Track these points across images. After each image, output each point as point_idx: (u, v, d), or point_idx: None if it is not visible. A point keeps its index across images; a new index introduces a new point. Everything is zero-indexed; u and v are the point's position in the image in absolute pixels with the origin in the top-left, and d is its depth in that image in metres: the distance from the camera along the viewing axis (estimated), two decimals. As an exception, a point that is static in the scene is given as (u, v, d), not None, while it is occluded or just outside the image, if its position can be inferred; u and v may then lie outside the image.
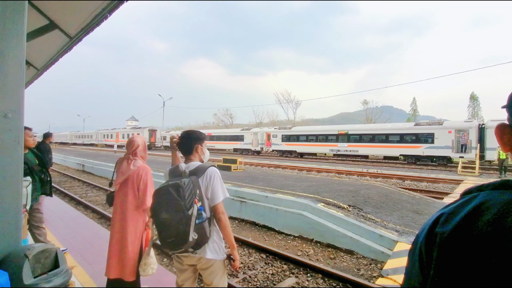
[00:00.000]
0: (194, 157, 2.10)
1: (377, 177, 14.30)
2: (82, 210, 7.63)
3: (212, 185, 1.92)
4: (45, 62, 6.94)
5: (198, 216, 1.80)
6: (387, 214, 5.99)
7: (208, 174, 1.94)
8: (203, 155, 2.12)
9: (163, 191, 1.80)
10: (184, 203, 1.76)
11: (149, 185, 2.67)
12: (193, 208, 1.78)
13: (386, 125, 27.86)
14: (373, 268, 4.55)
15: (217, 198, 1.92)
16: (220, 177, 1.99)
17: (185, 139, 2.11)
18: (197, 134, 2.14)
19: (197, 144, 2.09)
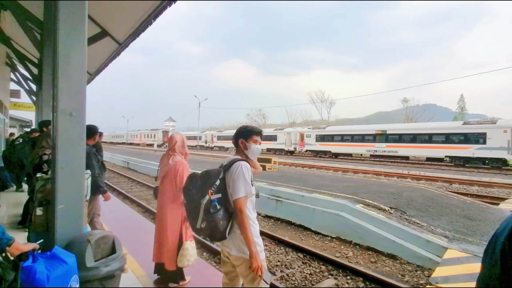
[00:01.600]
0: (239, 151, 2.06)
1: (420, 179, 13.39)
2: (128, 203, 8.18)
3: (234, 180, 1.84)
4: (97, 67, 7.57)
5: (213, 207, 1.76)
6: (434, 219, 5.57)
7: (233, 168, 1.87)
8: (246, 150, 2.03)
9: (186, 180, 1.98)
10: (195, 191, 1.83)
11: (185, 179, 2.80)
12: (205, 198, 1.77)
13: (429, 124, 25.97)
14: (420, 275, 4.27)
15: (236, 193, 1.82)
16: (245, 173, 1.85)
17: (234, 134, 2.10)
18: (242, 128, 2.09)
19: (240, 139, 2.03)
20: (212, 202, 1.77)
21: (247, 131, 2.05)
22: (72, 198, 2.31)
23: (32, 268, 1.43)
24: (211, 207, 1.75)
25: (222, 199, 1.83)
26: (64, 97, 2.25)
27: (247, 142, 2.02)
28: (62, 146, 2.25)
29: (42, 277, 1.45)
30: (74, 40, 2.34)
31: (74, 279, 1.71)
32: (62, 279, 1.60)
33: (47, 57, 5.18)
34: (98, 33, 5.20)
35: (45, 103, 5.89)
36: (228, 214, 1.84)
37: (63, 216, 2.25)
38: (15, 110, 13.58)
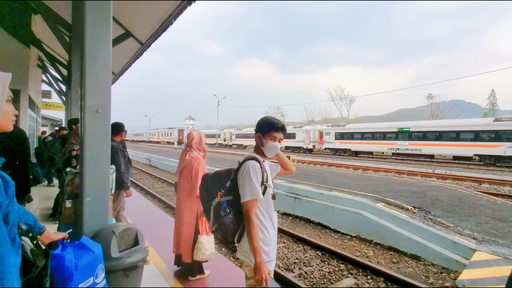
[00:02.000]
0: (256, 147, 1.86)
1: (446, 178, 12.80)
2: (150, 199, 8.45)
3: (241, 181, 1.67)
4: (121, 67, 7.86)
5: (222, 210, 1.66)
6: (462, 219, 5.32)
7: (242, 169, 1.70)
8: (262, 147, 1.80)
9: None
10: (207, 193, 1.75)
11: (200, 174, 2.85)
12: (214, 201, 1.68)
13: (456, 121, 24.71)
14: (445, 277, 4.10)
15: (242, 196, 1.65)
16: (252, 174, 1.64)
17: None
18: (262, 121, 1.83)
19: (257, 133, 1.83)
20: (221, 204, 1.67)
21: (267, 125, 1.79)
22: (98, 191, 2.42)
23: (61, 256, 1.50)
24: (220, 210, 1.66)
25: (233, 201, 1.69)
26: (90, 95, 2.36)
27: (264, 138, 1.79)
28: (89, 141, 2.37)
29: (71, 265, 1.52)
30: (100, 41, 2.45)
31: (100, 267, 1.80)
32: (89, 267, 1.68)
33: (76, 58, 5.45)
34: (122, 34, 5.40)
35: (74, 102, 6.20)
36: (239, 217, 1.69)
37: (90, 208, 2.37)
38: (46, 110, 14.38)
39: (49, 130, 18.91)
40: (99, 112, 2.41)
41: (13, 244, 0.94)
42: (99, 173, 2.44)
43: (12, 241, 0.93)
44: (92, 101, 2.38)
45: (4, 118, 1.03)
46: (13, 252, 0.90)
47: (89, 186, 2.38)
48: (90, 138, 2.38)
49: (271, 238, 1.74)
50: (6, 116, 1.04)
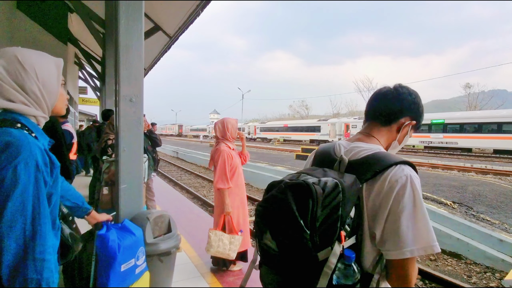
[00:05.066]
0: (382, 133, 1.02)
1: (487, 173, 11.86)
2: (179, 190, 8.70)
3: (399, 210, 0.80)
4: (150, 62, 8.08)
5: (342, 270, 0.78)
6: (508, 216, 4.89)
7: (390, 180, 0.82)
8: (396, 141, 1.03)
9: (273, 193, 0.84)
10: (312, 233, 0.75)
11: (219, 167, 2.78)
12: (331, 250, 0.75)
13: (499, 111, 22.78)
14: (490, 277, 3.80)
15: (405, 244, 0.78)
16: (421, 198, 0.82)
17: (390, 98, 1.01)
18: (413, 96, 1.01)
19: (408, 116, 1.00)
20: (346, 259, 0.77)
21: (418, 106, 1.01)
22: (132, 178, 2.48)
23: (106, 236, 1.58)
24: (344, 273, 0.78)
25: (357, 249, 0.85)
26: (124, 84, 2.41)
27: (412, 128, 1.03)
28: (124, 129, 2.42)
29: (114, 245, 1.58)
30: (133, 32, 2.49)
31: (141, 250, 1.85)
32: (131, 249, 1.73)
33: (110, 53, 5.66)
34: (151, 28, 5.51)
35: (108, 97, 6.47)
36: (362, 280, 0.83)
37: (125, 195, 2.44)
38: (82, 105, 15.26)
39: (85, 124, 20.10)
40: (132, 100, 2.45)
41: (53, 226, 0.96)
42: (132, 160, 2.49)
43: (52, 222, 0.94)
44: (126, 90, 2.43)
45: (59, 101, 1.06)
46: (52, 233, 0.91)
47: (124, 173, 2.45)
48: (124, 126, 2.43)
49: None
50: (61, 99, 1.06)
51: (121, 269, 1.65)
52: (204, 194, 8.59)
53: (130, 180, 2.47)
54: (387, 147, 1.02)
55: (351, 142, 0.99)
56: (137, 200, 2.53)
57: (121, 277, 1.64)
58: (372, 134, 1.00)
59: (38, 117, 0.98)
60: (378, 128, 1.01)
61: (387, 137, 1.01)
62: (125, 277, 1.68)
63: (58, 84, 1.02)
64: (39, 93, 0.95)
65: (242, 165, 3.12)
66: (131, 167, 2.48)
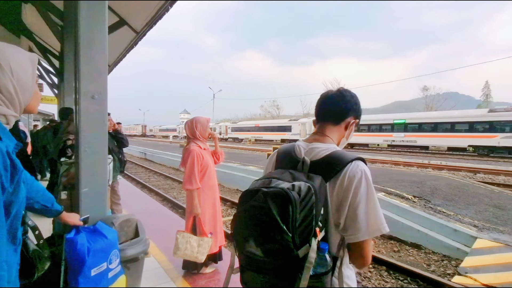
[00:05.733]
0: (334, 132, 1.13)
1: (442, 169, 12.89)
2: (147, 192, 8.36)
3: (357, 201, 0.92)
4: (115, 58, 7.65)
5: (318, 261, 0.85)
6: (462, 208, 5.34)
7: (352, 176, 0.94)
8: (345, 138, 1.19)
9: (253, 203, 0.88)
10: (293, 235, 0.82)
11: (188, 167, 2.70)
12: (309, 247, 0.83)
13: (451, 112, 24.87)
14: (447, 265, 4.11)
15: (364, 228, 0.91)
16: (374, 191, 0.97)
17: (339, 104, 1.12)
18: (353, 98, 1.14)
19: (353, 116, 1.14)
20: (321, 251, 0.87)
21: (359, 106, 1.16)
22: (95, 181, 2.31)
23: (74, 240, 1.52)
24: (319, 263, 0.87)
25: (326, 239, 0.96)
26: (86, 79, 2.24)
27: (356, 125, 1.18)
28: (85, 129, 2.25)
29: (83, 249, 1.53)
30: (94, 23, 2.33)
31: (114, 253, 1.79)
32: (102, 252, 1.67)
33: (69, 46, 5.25)
34: (116, 22, 5.21)
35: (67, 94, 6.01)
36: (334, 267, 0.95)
37: (87, 199, 2.27)
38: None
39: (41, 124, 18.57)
40: (95, 98, 2.29)
41: (13, 240, 0.86)
42: (96, 162, 2.32)
43: (11, 236, 0.84)
44: (88, 86, 2.25)
45: (34, 99, 0.99)
46: (9, 247, 0.81)
47: (86, 176, 2.27)
48: (86, 125, 2.26)
49: None
50: (35, 97, 1.00)
51: (91, 274, 1.59)
52: (174, 195, 8.34)
53: (92, 183, 2.30)
54: (337, 143, 1.15)
55: (309, 143, 1.09)
56: (101, 204, 2.36)
57: (91, 282, 1.59)
58: (326, 133, 1.12)
59: (8, 116, 0.89)
60: (330, 128, 1.12)
61: (338, 135, 1.14)
62: (97, 282, 1.62)
63: (33, 81, 0.96)
64: (13, 91, 0.88)
65: (215, 165, 3.06)
66: (94, 169, 2.32)
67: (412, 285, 3.60)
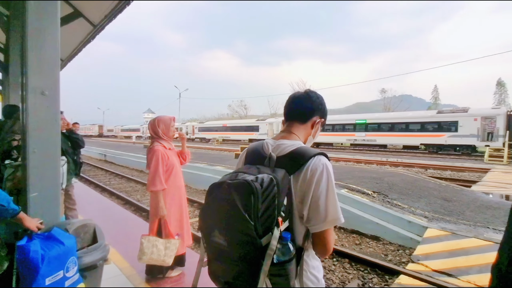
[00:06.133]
0: (300, 130, 1.19)
1: (398, 166, 13.89)
2: (107, 196, 7.87)
3: (318, 192, 0.98)
4: (69, 52, 7.09)
5: (281, 249, 0.91)
6: (414, 201, 5.80)
7: (314, 170, 0.99)
8: (311, 136, 1.24)
9: (218, 194, 0.95)
10: (256, 223, 0.86)
11: (152, 167, 2.60)
12: (271, 235, 0.88)
13: (406, 113, 26.89)
14: (402, 254, 4.43)
15: (325, 218, 0.98)
16: (334, 182, 1.03)
17: (304, 103, 1.20)
18: (320, 99, 1.22)
19: (318, 115, 1.21)
20: (283, 239, 0.91)
21: (324, 107, 1.23)
22: (46, 185, 2.12)
23: (26, 247, 1.43)
24: (282, 252, 0.91)
25: (290, 229, 0.99)
26: (34, 73, 2.05)
27: (322, 125, 1.25)
28: (33, 128, 2.06)
29: (36, 257, 1.43)
30: (46, 13, 2.15)
31: (71, 260, 1.68)
32: (58, 260, 1.56)
33: (15, 39, 4.76)
34: (71, 13, 4.83)
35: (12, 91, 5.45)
36: (296, 254, 0.97)
37: (36, 205, 2.07)
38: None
39: (-18, 124, 16.65)
40: (45, 94, 2.10)
41: None
42: (46, 164, 2.14)
43: None
44: (37, 82, 2.06)
45: None
46: None
47: (34, 180, 2.08)
48: (34, 124, 2.07)
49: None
50: None
51: (45, 283, 1.49)
52: (138, 198, 7.97)
53: (43, 187, 2.11)
54: (304, 141, 1.20)
55: (277, 140, 1.14)
56: (53, 210, 2.18)
57: (46, 291, 1.48)
58: (293, 131, 1.17)
59: None
60: (297, 126, 1.19)
61: (304, 133, 1.20)
62: (52, 291, 1.51)
63: None
64: None
65: (182, 166, 2.98)
66: (44, 172, 2.13)
67: (371, 274, 3.83)
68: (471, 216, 5.15)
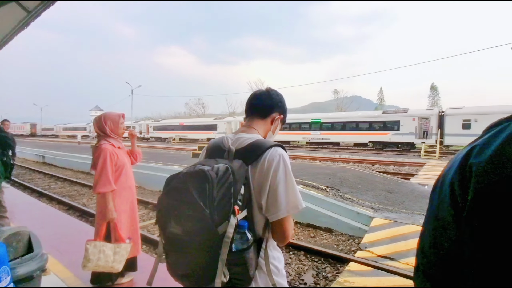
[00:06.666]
0: (260, 125, 1.24)
1: (349, 162, 14.88)
2: (47, 202, 7.10)
3: (276, 182, 1.01)
4: (-3, 38, 6.23)
5: (239, 238, 0.94)
6: (363, 194, 6.27)
7: (271, 160, 1.03)
8: (271, 132, 1.30)
9: (174, 185, 0.96)
10: (211, 211, 0.88)
11: (100, 167, 2.41)
12: (228, 223, 0.89)
13: (356, 113, 28.96)
14: (351, 243, 4.76)
15: (284, 206, 1.01)
16: (289, 168, 1.07)
17: (266, 101, 1.26)
18: (280, 97, 1.30)
19: (278, 111, 1.27)
20: (241, 228, 0.94)
21: (284, 104, 1.31)
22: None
23: None
24: (240, 240, 0.94)
25: (249, 219, 1.01)
26: None
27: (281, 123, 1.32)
28: None
29: None
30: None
31: (3, 270, 1.48)
32: None
33: None
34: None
35: None
36: (256, 244, 1.02)
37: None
38: None
39: None
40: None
41: None
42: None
43: None
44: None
45: None
46: None
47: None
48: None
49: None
50: None
51: None
52: (84, 203, 7.34)
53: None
54: (264, 136, 1.25)
55: (236, 134, 1.17)
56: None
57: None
58: (253, 126, 1.23)
59: None
60: (257, 121, 1.24)
61: (264, 128, 1.25)
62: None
63: None
64: None
65: (132, 165, 2.80)
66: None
67: (325, 264, 4.05)
68: (410, 205, 5.75)
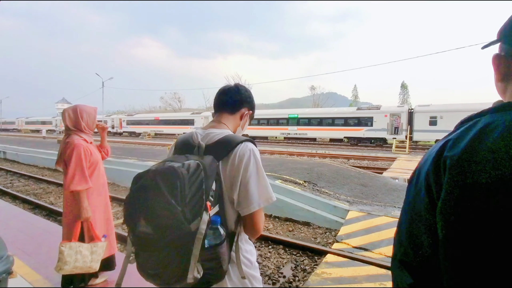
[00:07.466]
0: (230, 120, 1.24)
1: (325, 157, 15.27)
2: (9, 201, 6.62)
3: (247, 176, 1.02)
4: None
5: (211, 234, 0.94)
6: (339, 188, 6.45)
7: (242, 155, 1.04)
8: (240, 127, 1.30)
9: (143, 182, 0.93)
10: (183, 209, 0.86)
11: (75, 164, 2.27)
12: (200, 220, 0.89)
13: (332, 109, 29.65)
14: (328, 236, 4.89)
15: (256, 200, 1.02)
16: (261, 165, 1.08)
17: (234, 96, 1.25)
18: (248, 92, 1.30)
19: (247, 107, 1.28)
20: (213, 223, 0.95)
21: (252, 100, 1.31)
22: None
23: None
24: (213, 236, 0.95)
25: (221, 214, 1.02)
26: None
27: (249, 118, 1.33)
28: None
29: None
30: None
31: None
32: None
33: None
34: None
35: None
36: (228, 239, 1.02)
37: None
38: None
39: None
40: None
41: None
42: None
43: None
44: None
45: None
46: None
47: None
48: None
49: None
50: None
51: None
52: (51, 201, 6.92)
53: None
54: (233, 131, 1.25)
55: (206, 130, 1.16)
56: None
57: None
58: (222, 121, 1.22)
59: None
60: (226, 117, 1.24)
61: (233, 124, 1.25)
62: None
63: None
64: None
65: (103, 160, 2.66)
66: None
67: (303, 256, 4.13)
68: (382, 198, 6.00)
